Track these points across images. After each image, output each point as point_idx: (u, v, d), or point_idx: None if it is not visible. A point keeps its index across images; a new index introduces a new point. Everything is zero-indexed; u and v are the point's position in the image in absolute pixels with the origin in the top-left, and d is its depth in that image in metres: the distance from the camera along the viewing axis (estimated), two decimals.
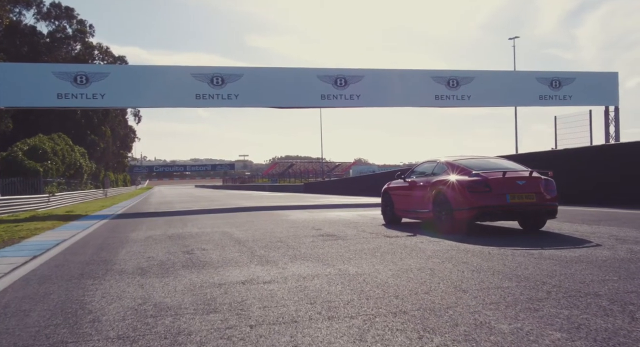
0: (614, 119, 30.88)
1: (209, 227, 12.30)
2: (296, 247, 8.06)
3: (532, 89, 29.20)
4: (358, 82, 27.22)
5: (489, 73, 30.01)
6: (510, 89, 29.11)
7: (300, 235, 9.87)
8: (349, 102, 27.16)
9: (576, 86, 29.75)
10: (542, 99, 29.59)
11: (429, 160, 10.95)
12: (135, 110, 79.52)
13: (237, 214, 17.51)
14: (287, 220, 13.82)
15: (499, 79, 29.14)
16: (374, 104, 28.14)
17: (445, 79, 28.30)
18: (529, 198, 8.89)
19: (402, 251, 7.33)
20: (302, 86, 26.42)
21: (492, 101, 29.75)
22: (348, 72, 27.05)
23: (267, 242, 8.84)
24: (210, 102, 25.47)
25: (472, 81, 28.60)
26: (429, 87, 27.90)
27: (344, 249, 7.66)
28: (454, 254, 6.82)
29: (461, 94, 28.47)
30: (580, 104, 30.13)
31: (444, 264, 6.11)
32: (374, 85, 27.14)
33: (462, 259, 6.38)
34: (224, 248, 8.32)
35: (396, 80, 27.93)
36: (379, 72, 27.95)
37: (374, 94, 27.23)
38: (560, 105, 29.87)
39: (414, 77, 28.11)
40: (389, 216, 11.77)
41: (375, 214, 14.95)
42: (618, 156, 16.62)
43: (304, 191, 49.84)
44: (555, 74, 29.82)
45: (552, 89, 29.63)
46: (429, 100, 28.29)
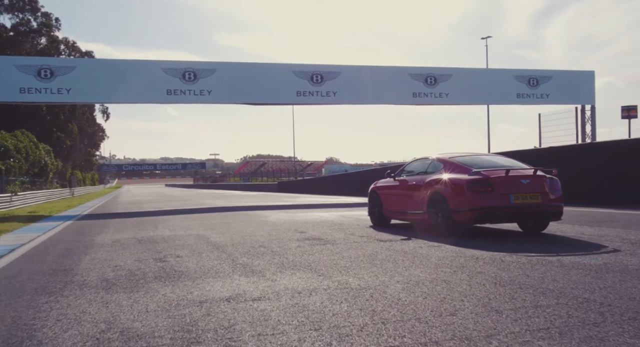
0: (590, 118, 30.68)
1: (182, 230, 11.38)
2: (282, 254, 7.23)
3: (510, 87, 28.77)
4: (335, 79, 26.44)
5: (467, 70, 29.53)
6: (489, 87, 28.63)
7: (284, 239, 9.03)
8: (325, 99, 26.38)
9: (553, 84, 29.42)
10: (520, 98, 29.21)
11: (421, 158, 10.20)
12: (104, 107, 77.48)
13: (211, 214, 16.58)
14: (266, 221, 12.97)
15: (477, 77, 28.66)
16: (350, 101, 27.40)
17: (423, 77, 27.69)
18: (533, 198, 8.20)
19: (403, 258, 6.55)
20: (277, 82, 25.55)
21: (470, 99, 29.29)
22: (324, 68, 26.26)
23: (248, 248, 7.99)
24: (182, 98, 24.45)
25: (450, 79, 28.04)
26: (407, 85, 27.25)
27: (337, 256, 6.86)
28: (463, 262, 6.06)
29: (439, 92, 27.89)
30: (557, 103, 29.86)
31: (457, 274, 5.34)
32: (351, 82, 26.41)
33: (476, 268, 5.62)
34: (201, 255, 7.44)
35: (374, 77, 27.22)
36: (356, 69, 27.22)
37: (350, 90, 26.49)
38: (538, 103, 29.54)
39: (392, 74, 27.45)
40: (377, 218, 10.99)
41: (359, 215, 14.19)
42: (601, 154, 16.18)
43: (278, 190, 48.93)
44: (532, 72, 29.44)
45: (529, 88, 29.26)
46: (406, 98, 27.67)
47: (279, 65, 26.36)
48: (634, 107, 50.32)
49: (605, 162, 15.80)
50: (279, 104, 28.62)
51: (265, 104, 27.46)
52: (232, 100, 25.61)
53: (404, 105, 29.16)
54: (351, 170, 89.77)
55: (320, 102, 26.64)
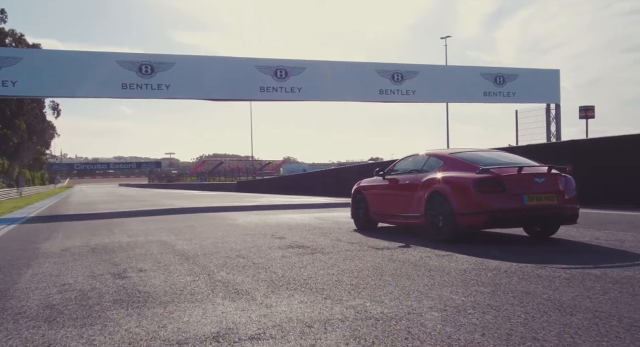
0: (555, 116, 30.43)
1: (142, 235, 10.07)
2: (267, 267, 6.07)
3: (476, 85, 28.19)
4: (299, 74, 25.36)
5: (434, 67, 28.86)
6: (456, 85, 27.95)
7: (263, 246, 7.86)
8: (289, 95, 25.27)
9: (519, 83, 28.98)
10: (487, 96, 28.69)
11: (414, 154, 9.14)
12: (54, 103, 74.49)
13: (171, 216, 15.23)
14: (235, 225, 11.74)
15: (444, 74, 27.98)
16: (316, 97, 26.31)
17: (390, 73, 26.84)
18: (549, 199, 7.24)
19: (416, 271, 5.48)
20: (240, 77, 24.27)
21: (437, 97, 28.68)
22: (289, 63, 25.13)
23: (224, 258, 6.79)
24: (138, 93, 22.97)
25: (417, 75, 27.29)
26: (374, 81, 26.36)
27: (334, 269, 5.74)
28: (493, 277, 5.02)
29: (406, 89, 27.12)
30: (524, 101, 29.52)
31: (500, 296, 4.27)
32: (316, 78, 25.34)
33: (516, 287, 4.58)
34: (169, 268, 6.22)
35: (340, 73, 26.20)
36: (322, 64, 26.19)
37: (316, 87, 25.42)
38: (504, 102, 29.15)
39: (359, 71, 26.47)
40: (362, 221, 9.89)
41: (335, 217, 13.11)
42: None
43: (238, 189, 47.49)
44: (499, 70, 28.94)
45: (496, 86, 28.75)
46: (373, 95, 26.78)
47: (241, 60, 25.09)
48: (592, 107, 50.94)
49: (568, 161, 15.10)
50: (242, 100, 27.37)
51: (227, 100, 26.20)
52: (192, 95, 24.26)
53: (370, 102, 28.34)
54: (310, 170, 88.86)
55: (284, 98, 25.53)
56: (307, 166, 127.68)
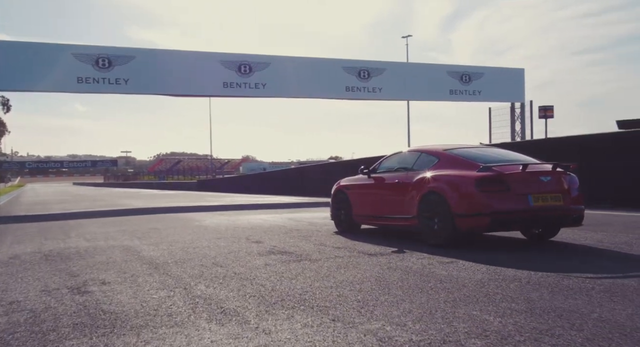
0: (520, 115, 30.41)
1: (102, 239, 9.14)
2: (252, 278, 5.30)
3: (443, 83, 27.80)
4: (264, 70, 24.50)
5: (400, 65, 28.39)
6: (422, 82, 27.52)
7: (241, 252, 7.07)
8: (254, 91, 24.38)
9: (485, 81, 28.73)
10: (453, 94, 28.35)
11: (406, 151, 8.47)
12: (4, 99, 71.44)
13: (132, 218, 14.22)
14: (203, 227, 10.88)
15: (410, 72, 27.48)
16: (281, 94, 25.51)
17: (357, 70, 26.22)
18: (555, 200, 6.66)
19: (424, 283, 4.79)
20: (202, 72, 23.26)
21: (404, 94, 28.26)
22: (254, 58, 24.22)
23: (199, 267, 5.99)
24: (95, 87, 21.72)
25: (384, 73, 26.74)
26: (340, 78, 25.67)
27: (331, 281, 5.01)
28: (521, 291, 4.36)
29: (372, 86, 26.54)
30: (489, 100, 29.35)
31: (544, 317, 3.60)
32: (282, 74, 24.52)
33: (554, 304, 3.91)
34: (137, 280, 5.38)
35: (305, 69, 25.43)
36: (288, 60, 25.37)
37: (281, 83, 24.60)
38: (470, 100, 28.86)
39: (325, 67, 25.74)
40: (344, 223, 9.17)
41: (309, 218, 12.38)
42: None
43: (198, 188, 46.26)
44: (465, 68, 28.64)
45: (462, 84, 28.44)
46: (339, 92, 26.10)
47: (204, 54, 24.06)
48: (551, 107, 51.54)
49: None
50: (205, 96, 26.45)
51: (189, 96, 25.13)
52: (152, 90, 23.14)
53: (336, 99, 27.74)
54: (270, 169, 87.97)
55: (248, 95, 24.67)
56: (267, 165, 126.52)
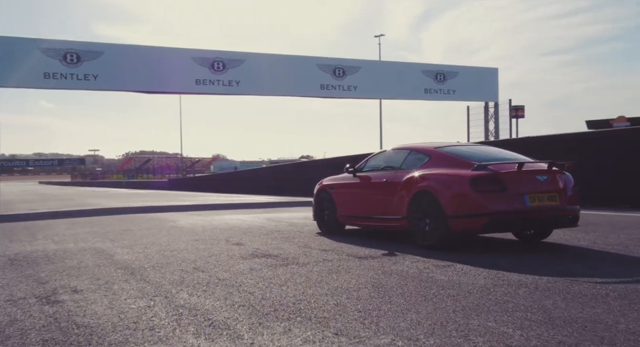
0: (494, 115, 30.45)
1: (71, 241, 8.64)
2: (237, 284, 4.91)
3: (418, 81, 27.64)
4: (238, 67, 24.01)
5: (375, 63, 28.21)
6: (397, 81, 27.32)
7: (222, 255, 6.66)
8: (227, 88, 23.88)
9: (460, 80, 28.67)
10: (428, 93, 28.22)
11: (393, 149, 8.14)
12: None
13: (103, 218, 13.64)
14: (179, 228, 10.42)
15: (386, 70, 27.25)
16: (255, 91, 25.04)
17: (332, 68, 25.89)
18: (551, 200, 6.41)
19: (426, 289, 4.46)
20: (175, 69, 22.69)
21: (379, 93, 28.03)
22: (227, 55, 23.71)
23: (179, 273, 5.57)
24: (63, 83, 20.96)
25: (359, 71, 26.46)
26: (315, 76, 25.31)
27: (324, 287, 4.65)
28: (532, 299, 4.06)
29: (347, 85, 26.23)
30: (464, 99, 29.28)
31: (567, 328, 3.29)
32: (255, 71, 24.05)
33: (572, 313, 3.62)
34: (112, 287, 4.95)
35: (281, 67, 24.99)
36: (262, 57, 24.91)
37: (255, 80, 24.13)
38: (445, 99, 28.76)
39: (300, 64, 25.36)
40: (328, 224, 8.81)
41: (288, 218, 12.02)
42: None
43: (169, 187, 45.48)
44: (440, 67, 28.52)
45: (437, 83, 28.31)
46: (314, 90, 25.74)
47: (176, 50, 23.46)
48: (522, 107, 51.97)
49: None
50: (177, 92, 25.97)
51: (161, 93, 24.57)
52: (122, 87, 22.49)
53: (311, 97, 27.39)
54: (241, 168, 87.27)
55: (222, 92, 24.16)
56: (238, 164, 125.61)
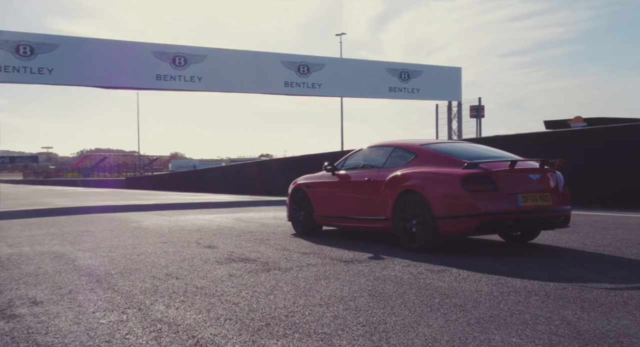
0: (457, 114, 30.52)
1: (28, 244, 7.98)
2: (218, 293, 4.44)
3: (383, 80, 27.48)
4: (201, 62, 23.43)
5: (340, 61, 27.96)
6: (363, 79, 27.09)
7: (195, 260, 6.16)
8: (189, 84, 23.24)
9: (423, 79, 28.62)
10: (392, 91, 28.08)
11: (375, 146, 7.75)
12: None
13: (60, 219, 12.89)
14: (143, 229, 9.84)
15: (350, 68, 26.97)
16: (217, 88, 24.45)
17: (296, 65, 25.49)
18: (544, 200, 6.13)
19: (428, 298, 4.08)
20: (134, 63, 21.94)
21: (344, 91, 27.76)
22: (189, 50, 23.08)
23: (151, 280, 5.06)
24: (16, 77, 20.02)
25: (324, 68, 26.14)
26: (279, 73, 24.87)
27: (315, 296, 4.22)
28: (547, 308, 3.71)
29: (312, 82, 25.87)
30: (427, 98, 29.24)
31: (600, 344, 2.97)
32: (218, 67, 23.48)
33: (599, 325, 3.28)
34: (77, 298, 4.41)
35: (244, 63, 24.47)
36: (225, 53, 24.32)
37: (218, 76, 23.54)
38: (409, 98, 28.68)
39: (264, 61, 24.88)
40: (304, 225, 8.36)
41: (257, 218, 11.55)
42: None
43: (127, 186, 44.30)
44: (404, 66, 28.41)
45: (401, 81, 28.19)
46: (278, 87, 25.30)
47: (136, 44, 22.71)
48: (482, 107, 52.59)
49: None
50: (137, 88, 25.14)
51: (119, 88, 23.67)
52: (79, 81, 21.60)
53: (275, 94, 26.92)
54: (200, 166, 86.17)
55: (183, 88, 23.52)
56: (197, 162, 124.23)
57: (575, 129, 22.46)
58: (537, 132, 19.27)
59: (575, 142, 14.22)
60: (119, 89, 24.24)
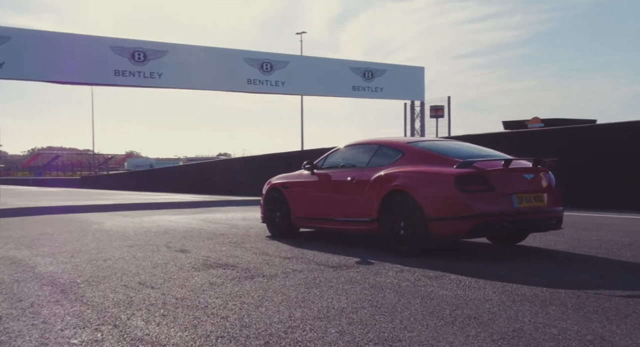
0: (420, 113, 30.51)
1: None
2: (202, 305, 3.99)
3: (347, 78, 27.23)
4: (160, 58, 22.74)
5: (304, 58, 27.60)
6: (327, 78, 26.78)
7: (169, 266, 5.68)
8: (148, 81, 22.51)
9: (387, 78, 28.49)
10: (356, 90, 27.86)
11: (357, 144, 7.37)
12: None
13: (13, 220, 12.12)
14: (106, 231, 9.24)
15: (315, 66, 26.60)
16: (178, 85, 23.75)
17: (259, 62, 25.01)
18: (538, 200, 5.86)
19: (435, 308, 3.73)
20: (91, 58, 21.07)
21: (308, 90, 27.38)
22: (149, 46, 22.34)
23: (123, 290, 4.57)
24: None
25: (287, 66, 25.71)
26: (242, 70, 24.32)
27: (312, 308, 3.82)
28: (571, 319, 3.39)
29: (275, 80, 25.43)
30: (391, 98, 29.13)
31: None
32: (179, 63, 22.79)
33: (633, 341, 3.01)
34: (41, 312, 3.90)
35: (206, 59, 23.84)
36: (187, 49, 23.65)
37: (179, 73, 22.85)
38: (372, 97, 28.50)
39: (227, 58, 24.30)
40: (280, 226, 7.93)
41: (224, 219, 11.08)
42: None
43: (83, 185, 42.96)
44: (367, 65, 28.23)
45: (364, 80, 27.99)
46: (240, 85, 24.75)
47: (93, 38, 21.80)
48: (441, 107, 52.97)
49: None
50: (93, 84, 24.24)
51: (76, 84, 22.82)
52: (30, 76, 20.60)
53: (238, 92, 26.37)
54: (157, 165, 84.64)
55: (143, 84, 22.74)
56: (153, 161, 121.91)
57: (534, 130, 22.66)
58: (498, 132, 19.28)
59: (535, 142, 14.24)
60: (74, 85, 23.38)
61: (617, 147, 12.29)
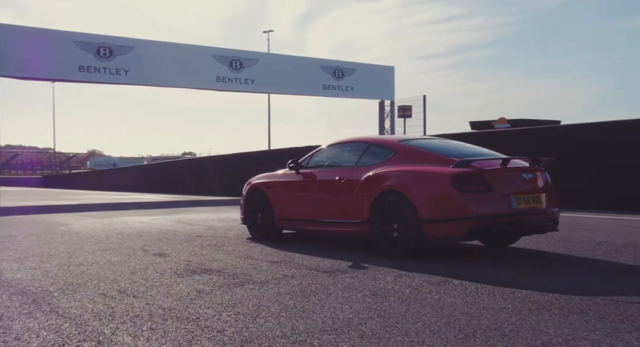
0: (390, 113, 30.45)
1: None
2: (193, 317, 3.63)
3: (317, 77, 27.02)
4: (127, 54, 22.17)
5: (274, 56, 27.27)
6: (297, 76, 26.52)
7: (147, 271, 5.29)
8: (115, 77, 21.94)
9: (357, 78, 28.38)
10: (326, 89, 27.68)
11: (345, 142, 7.07)
12: None
13: None
14: (75, 233, 8.75)
15: (285, 64, 26.30)
16: (145, 81, 23.22)
17: (228, 59, 24.62)
18: (536, 201, 5.65)
19: (449, 319, 3.45)
20: (54, 53, 20.40)
21: (278, 88, 27.10)
22: (115, 41, 21.70)
23: (102, 299, 4.18)
24: None
25: (257, 64, 25.37)
26: (211, 67, 23.90)
27: (316, 320, 3.51)
28: (620, 335, 3.15)
29: (245, 78, 25.05)
30: (361, 97, 29.01)
31: None
32: (146, 59, 22.26)
33: None
34: (12, 327, 3.49)
35: (174, 56, 23.34)
36: (154, 45, 23.13)
37: (146, 69, 22.33)
38: (343, 96, 28.35)
39: (195, 54, 23.82)
40: (261, 228, 7.56)
41: (199, 220, 10.68)
42: None
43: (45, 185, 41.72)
44: (338, 64, 28.07)
45: (335, 79, 27.82)
46: (209, 82, 24.34)
47: (57, 33, 21.10)
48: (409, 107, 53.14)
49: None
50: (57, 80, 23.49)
51: (38, 79, 22.14)
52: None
53: (206, 89, 25.91)
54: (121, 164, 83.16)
55: (109, 81, 22.15)
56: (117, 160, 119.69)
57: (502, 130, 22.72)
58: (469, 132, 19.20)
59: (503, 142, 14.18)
60: (36, 81, 22.64)
61: (583, 147, 12.42)
